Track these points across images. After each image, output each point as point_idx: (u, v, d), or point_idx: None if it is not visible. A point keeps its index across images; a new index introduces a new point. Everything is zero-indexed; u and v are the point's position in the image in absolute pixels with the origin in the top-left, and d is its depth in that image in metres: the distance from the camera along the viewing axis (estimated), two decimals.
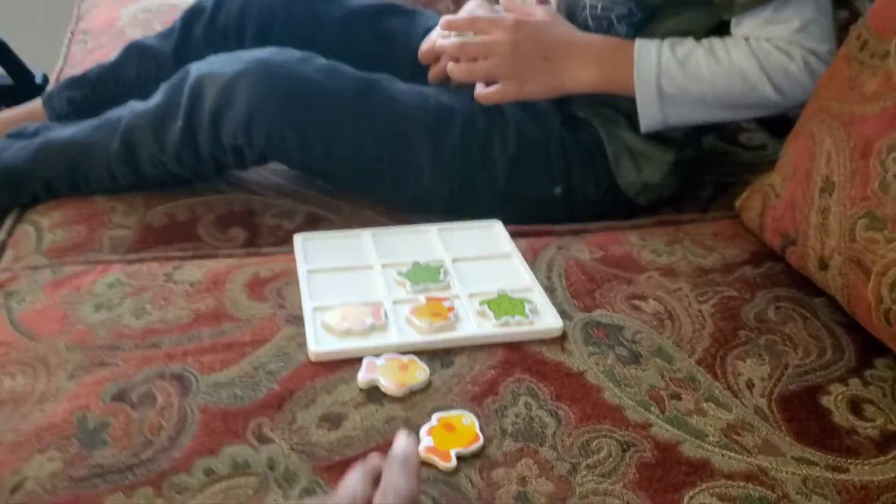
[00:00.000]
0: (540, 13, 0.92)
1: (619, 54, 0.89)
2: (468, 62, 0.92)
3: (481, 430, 0.60)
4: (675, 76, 0.87)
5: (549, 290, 0.76)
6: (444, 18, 0.95)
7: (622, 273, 0.79)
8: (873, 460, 0.59)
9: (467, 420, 0.61)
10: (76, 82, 1.10)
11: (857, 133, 0.71)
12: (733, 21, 0.88)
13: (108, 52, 1.35)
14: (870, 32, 0.75)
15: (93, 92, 1.09)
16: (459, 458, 0.58)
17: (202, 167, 0.94)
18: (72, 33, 1.54)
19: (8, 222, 0.96)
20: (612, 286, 0.77)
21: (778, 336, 0.71)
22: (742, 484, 0.57)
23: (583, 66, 0.90)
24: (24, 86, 1.68)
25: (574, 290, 0.77)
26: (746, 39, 0.87)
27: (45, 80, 1.71)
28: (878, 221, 0.67)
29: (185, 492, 0.55)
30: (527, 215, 0.90)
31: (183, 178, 0.95)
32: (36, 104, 1.12)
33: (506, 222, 0.86)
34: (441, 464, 0.57)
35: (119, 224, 0.93)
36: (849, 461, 0.59)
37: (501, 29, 0.90)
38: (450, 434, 0.60)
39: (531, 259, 0.81)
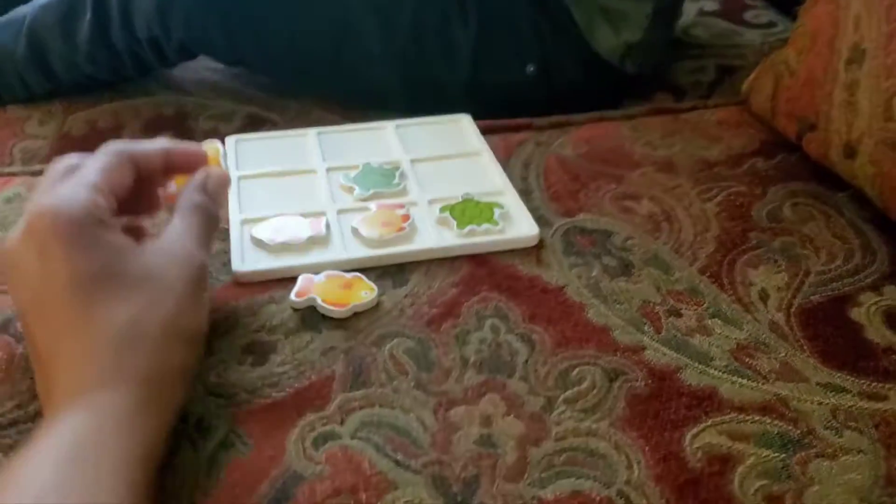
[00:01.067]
0: None
1: None
2: None
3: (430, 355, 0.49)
4: None
5: (525, 194, 0.64)
6: None
7: (611, 170, 0.67)
8: None
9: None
10: None
11: None
12: None
13: None
14: None
15: None
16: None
17: (121, 66, 0.81)
18: None
19: None
20: (600, 185, 0.65)
21: (796, 237, 0.59)
22: (757, 418, 0.46)
23: None
24: None
25: (554, 192, 0.65)
26: None
27: None
28: None
29: None
30: (498, 104, 0.78)
31: (103, 81, 0.83)
32: None
33: (475, 115, 0.74)
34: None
35: (33, 135, 0.81)
36: (887, 387, 0.48)
37: None
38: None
39: (504, 158, 0.69)
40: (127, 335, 0.40)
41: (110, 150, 0.47)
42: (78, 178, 0.44)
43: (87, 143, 0.80)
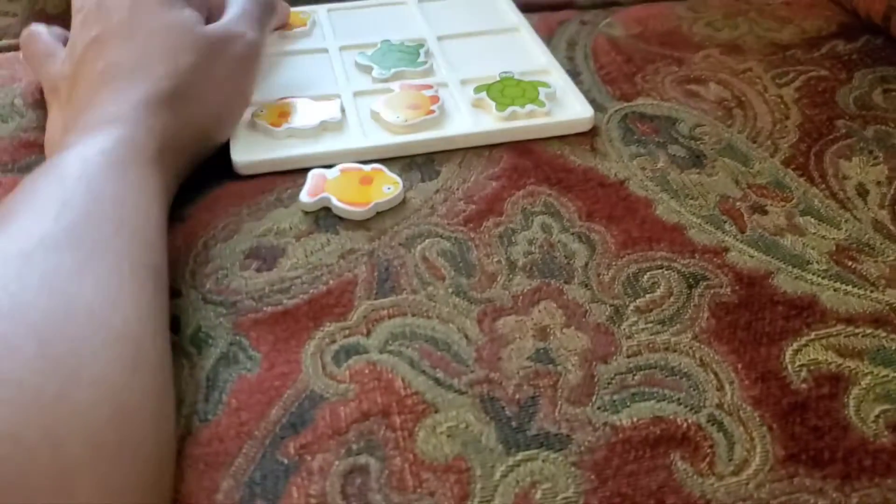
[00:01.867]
0: None
1: None
2: None
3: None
4: None
5: (573, 75, 0.55)
6: None
7: (671, 52, 0.58)
8: None
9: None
10: None
11: None
12: None
13: None
14: None
15: None
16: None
17: None
18: None
19: None
20: (659, 68, 0.56)
21: (892, 126, 0.51)
22: (870, 331, 0.38)
23: None
24: None
25: (607, 74, 0.56)
26: None
27: None
28: None
29: None
30: None
31: None
32: None
33: None
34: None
35: (2, 11, 0.71)
36: None
37: None
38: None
39: (546, 37, 0.60)
40: (190, 80, 0.45)
41: None
42: None
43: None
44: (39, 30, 0.50)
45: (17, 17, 0.70)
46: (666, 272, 0.41)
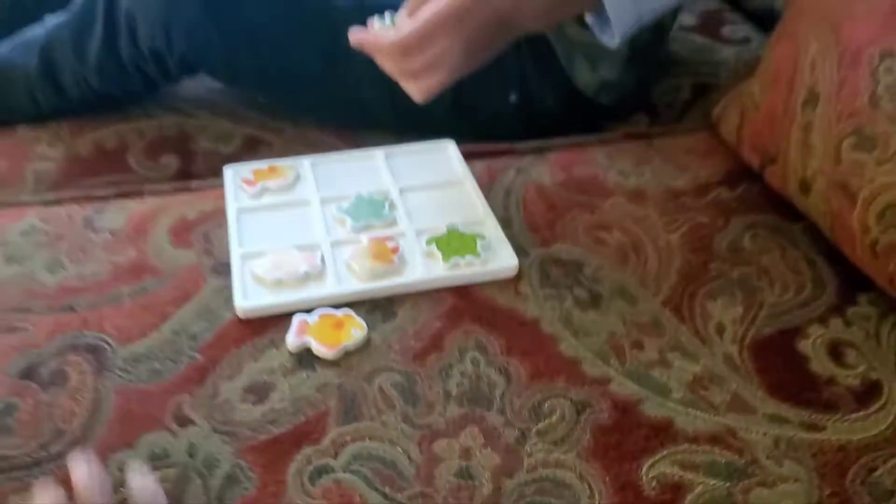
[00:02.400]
0: None
1: None
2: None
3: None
4: None
5: (506, 222, 0.69)
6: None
7: (586, 199, 0.72)
8: (853, 415, 0.54)
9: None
10: None
11: (846, 37, 0.63)
12: None
13: None
14: None
15: (11, 8, 0.99)
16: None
17: (127, 81, 0.85)
18: None
19: None
20: (575, 215, 0.70)
21: (753, 269, 0.65)
22: (707, 448, 0.52)
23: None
24: None
25: (532, 222, 0.70)
26: None
27: None
28: (866, 140, 0.59)
29: None
30: (482, 129, 0.82)
31: (109, 96, 0.87)
32: None
33: (459, 137, 0.78)
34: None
35: (43, 156, 0.85)
36: (826, 418, 0.54)
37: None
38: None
39: (487, 184, 0.74)
40: None
41: None
42: None
43: (96, 164, 0.85)
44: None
45: (57, 161, 0.84)
46: (562, 400, 0.55)
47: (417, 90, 0.64)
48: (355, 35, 0.66)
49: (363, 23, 0.79)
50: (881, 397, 0.55)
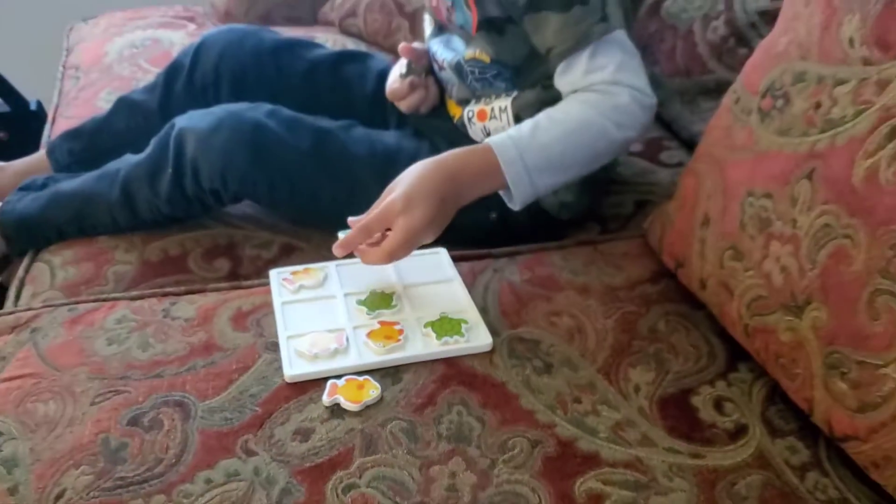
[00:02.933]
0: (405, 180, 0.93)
1: (481, 159, 0.94)
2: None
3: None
4: (533, 151, 0.93)
5: (483, 311, 0.92)
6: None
7: (545, 292, 0.95)
8: (725, 448, 0.76)
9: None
10: (74, 135, 1.25)
11: (727, 177, 0.87)
12: (559, 77, 0.99)
13: (98, 89, 1.50)
14: (742, 90, 0.90)
15: (90, 144, 1.24)
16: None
17: (189, 207, 1.09)
18: (63, 67, 1.68)
19: (25, 262, 1.11)
20: (536, 304, 0.93)
21: (664, 345, 0.87)
22: (622, 471, 0.73)
23: (456, 197, 0.93)
24: (19, 112, 1.83)
25: (504, 310, 0.93)
26: (574, 93, 0.97)
27: (39, 106, 1.86)
28: (739, 254, 0.83)
29: (190, 497, 0.72)
30: (468, 237, 1.05)
31: (174, 218, 1.11)
32: (40, 156, 1.28)
33: (449, 243, 1.01)
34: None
35: (121, 260, 1.08)
36: (706, 449, 0.75)
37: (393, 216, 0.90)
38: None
39: (470, 282, 0.97)
40: None
41: None
42: None
43: (163, 267, 1.08)
44: None
45: (132, 265, 1.08)
46: (521, 439, 0.76)
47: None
48: (340, 247, 0.92)
49: (375, 166, 1.05)
50: (746, 436, 0.77)
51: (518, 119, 1.05)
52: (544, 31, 0.97)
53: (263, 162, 1.04)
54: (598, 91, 0.96)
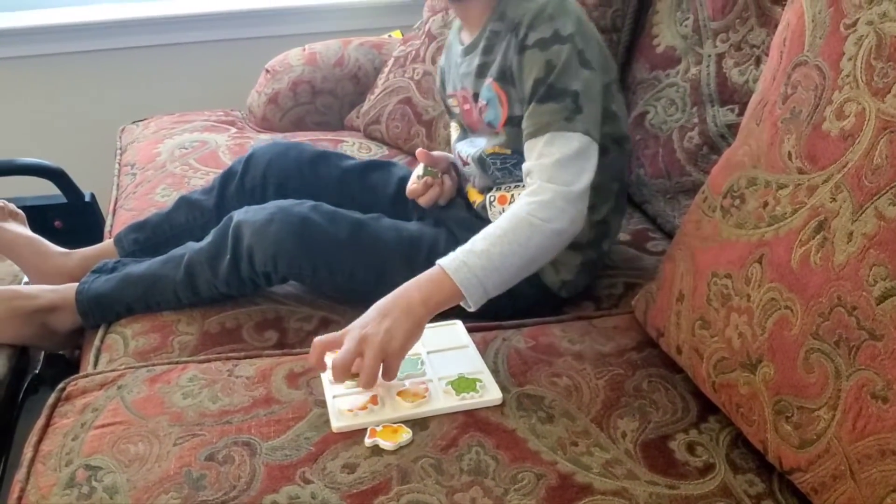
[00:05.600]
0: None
1: (430, 273, 1.09)
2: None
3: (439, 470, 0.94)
4: (475, 256, 1.07)
5: (495, 371, 1.10)
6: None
7: (546, 357, 1.13)
8: (696, 481, 0.92)
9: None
10: (139, 227, 1.46)
11: (698, 261, 1.06)
12: (526, 153, 1.16)
13: (155, 185, 1.71)
14: (709, 191, 1.10)
15: (153, 234, 1.45)
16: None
17: (243, 287, 1.28)
18: (119, 164, 1.90)
19: (99, 333, 1.30)
20: (539, 367, 1.11)
21: (647, 401, 1.05)
22: (611, 498, 0.90)
23: (414, 308, 1.07)
24: (75, 204, 2.04)
25: (512, 371, 1.11)
26: (510, 204, 1.20)
27: (93, 198, 2.07)
28: (706, 323, 1.01)
29: None
30: (480, 310, 1.23)
31: (229, 296, 1.30)
32: (108, 244, 1.48)
33: (463, 316, 1.20)
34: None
35: (184, 332, 1.27)
36: (680, 482, 0.92)
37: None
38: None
39: (483, 348, 1.15)
40: None
41: None
42: None
43: (221, 338, 1.26)
44: None
45: (193, 335, 1.26)
46: (529, 473, 0.93)
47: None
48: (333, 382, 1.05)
49: (402, 250, 1.25)
50: (714, 472, 0.94)
51: None
52: (526, 118, 1.18)
53: (308, 248, 1.24)
54: (526, 197, 1.12)
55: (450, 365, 1.12)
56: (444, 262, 1.07)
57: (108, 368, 1.18)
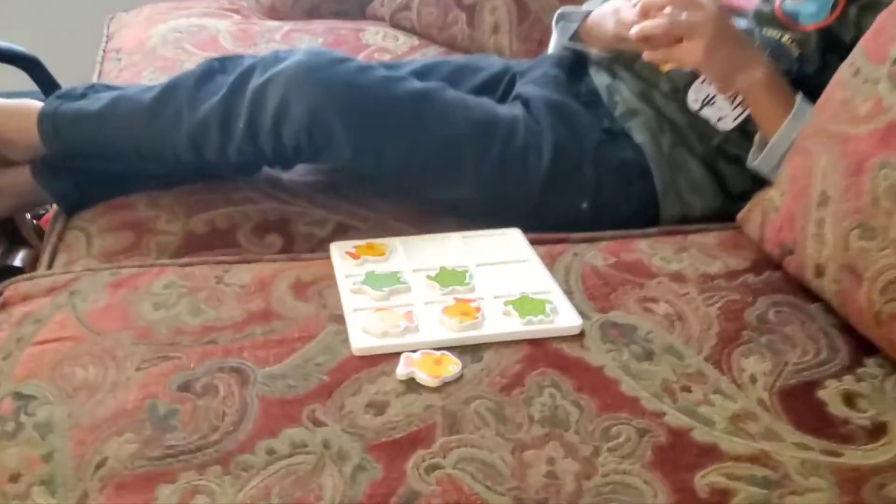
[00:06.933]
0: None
1: (782, 88, 0.94)
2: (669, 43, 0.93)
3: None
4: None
5: (568, 293, 0.83)
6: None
7: (634, 278, 0.86)
8: (865, 447, 0.66)
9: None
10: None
11: (850, 151, 0.78)
12: None
13: (141, 69, 1.43)
14: (864, 60, 0.82)
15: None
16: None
17: (261, 158, 1.01)
18: (104, 51, 1.62)
19: (57, 227, 1.03)
20: (626, 290, 0.84)
21: (778, 336, 0.78)
22: (748, 465, 0.63)
23: (757, 70, 0.94)
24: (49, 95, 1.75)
25: (591, 293, 0.83)
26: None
27: None
28: (869, 231, 0.73)
29: (250, 469, 0.62)
30: (549, 223, 0.96)
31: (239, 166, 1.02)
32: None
33: (528, 231, 0.93)
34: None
35: (164, 230, 1.00)
36: (843, 447, 0.66)
37: (704, 11, 0.91)
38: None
39: (549, 264, 0.88)
40: None
41: None
42: None
43: (210, 240, 0.99)
44: None
45: (176, 235, 0.99)
46: (626, 427, 0.67)
47: (678, 53, 0.91)
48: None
49: (475, 131, 0.96)
50: (888, 435, 0.67)
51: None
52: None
53: (353, 119, 0.95)
54: None
55: (507, 282, 0.84)
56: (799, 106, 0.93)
57: (62, 271, 0.91)
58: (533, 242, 0.92)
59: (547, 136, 0.99)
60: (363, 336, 0.75)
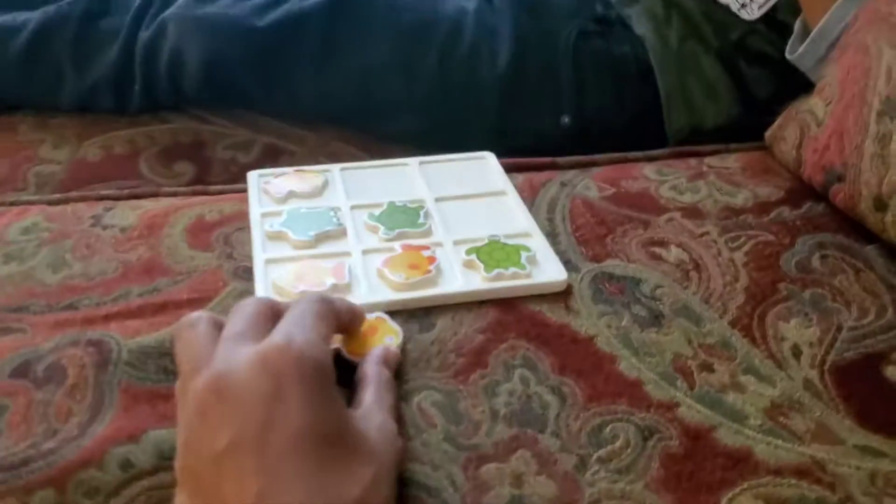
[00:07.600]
0: None
1: None
2: None
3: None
4: None
5: (551, 236, 0.64)
6: None
7: (638, 214, 0.67)
8: None
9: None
10: None
11: None
12: None
13: None
14: None
15: None
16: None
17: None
18: None
19: None
20: (627, 230, 0.65)
21: (826, 290, 0.59)
22: (794, 482, 0.45)
23: None
24: None
25: (581, 236, 0.64)
26: None
27: None
28: None
29: (96, 494, 0.44)
30: (529, 150, 0.76)
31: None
32: None
33: (501, 156, 0.73)
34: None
35: (47, 159, 0.80)
36: None
37: None
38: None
39: (529, 198, 0.69)
40: None
41: (318, 300, 0.46)
42: (303, 324, 0.43)
43: (103, 169, 0.79)
44: (200, 323, 0.45)
45: (62, 164, 0.79)
46: (625, 424, 0.48)
47: None
48: None
49: (398, 42, 0.75)
50: None
51: None
52: None
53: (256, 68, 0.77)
54: None
55: (474, 222, 0.65)
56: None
57: None
58: (511, 169, 0.73)
59: (504, 32, 0.78)
60: (276, 296, 0.56)
